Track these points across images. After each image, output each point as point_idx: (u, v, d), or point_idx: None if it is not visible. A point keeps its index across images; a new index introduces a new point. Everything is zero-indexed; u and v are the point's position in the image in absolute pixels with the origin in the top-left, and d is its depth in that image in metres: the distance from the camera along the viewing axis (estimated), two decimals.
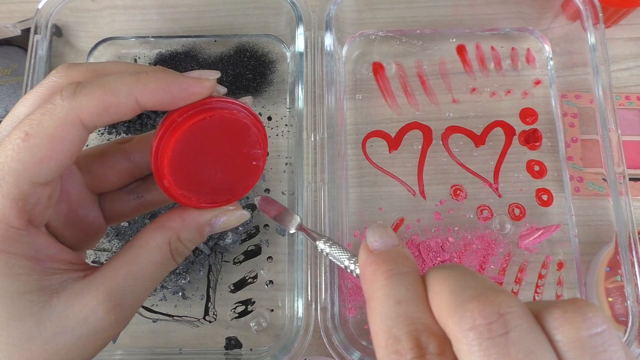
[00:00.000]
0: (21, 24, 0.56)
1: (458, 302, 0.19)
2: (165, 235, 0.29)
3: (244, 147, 0.30)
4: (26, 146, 0.24)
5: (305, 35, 0.51)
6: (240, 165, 0.30)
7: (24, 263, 0.25)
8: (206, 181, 0.29)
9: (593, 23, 0.51)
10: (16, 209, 0.25)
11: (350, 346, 0.44)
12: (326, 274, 0.45)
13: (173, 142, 0.27)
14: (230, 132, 0.29)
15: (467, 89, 0.56)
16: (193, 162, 0.28)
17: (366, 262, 0.24)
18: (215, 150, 0.29)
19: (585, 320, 0.18)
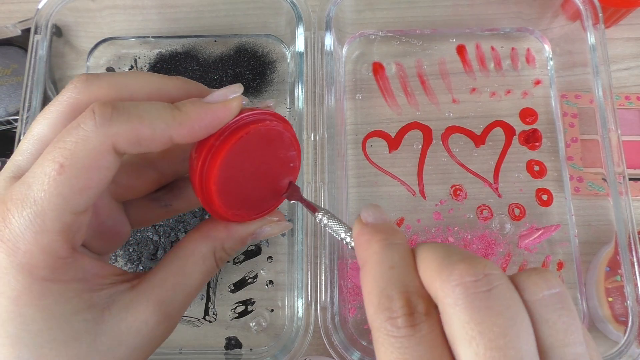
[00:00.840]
0: (21, 24, 0.56)
1: (446, 263, 0.21)
2: (210, 245, 0.30)
3: (280, 151, 0.30)
4: (62, 179, 0.24)
5: (305, 35, 0.51)
6: (280, 170, 0.31)
7: (73, 286, 0.26)
8: (251, 194, 0.30)
9: (593, 23, 0.51)
10: (62, 241, 0.25)
11: (350, 346, 0.44)
12: (326, 274, 0.45)
13: (217, 168, 0.27)
14: (267, 142, 0.29)
15: (467, 89, 0.56)
16: (237, 181, 0.29)
17: (361, 232, 0.26)
18: (255, 163, 0.29)
19: (546, 282, 0.21)
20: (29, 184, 0.24)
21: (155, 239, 0.50)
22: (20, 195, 0.24)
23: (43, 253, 0.24)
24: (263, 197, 0.31)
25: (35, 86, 0.49)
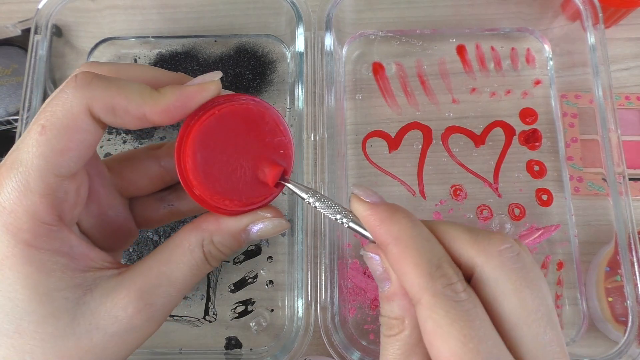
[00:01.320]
0: (21, 24, 0.56)
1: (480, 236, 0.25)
2: (199, 236, 0.29)
3: (266, 136, 0.30)
4: (44, 139, 0.25)
5: (305, 35, 0.51)
6: (268, 156, 0.30)
7: (58, 259, 0.26)
8: (238, 181, 0.29)
9: (593, 23, 0.51)
10: (45, 203, 0.25)
11: (350, 346, 0.44)
12: (326, 274, 0.45)
13: (190, 146, 0.27)
14: (247, 124, 0.29)
15: (467, 89, 0.56)
16: (218, 163, 0.28)
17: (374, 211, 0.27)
18: (237, 146, 0.29)
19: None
20: (19, 148, 0.25)
21: (155, 239, 0.50)
22: (11, 159, 0.25)
23: (26, 214, 0.25)
24: (252, 186, 0.29)
25: (35, 86, 0.49)
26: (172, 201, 0.34)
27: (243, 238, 0.30)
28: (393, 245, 0.25)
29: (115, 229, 0.31)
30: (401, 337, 0.25)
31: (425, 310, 0.23)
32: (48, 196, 0.25)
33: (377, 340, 0.49)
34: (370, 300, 0.50)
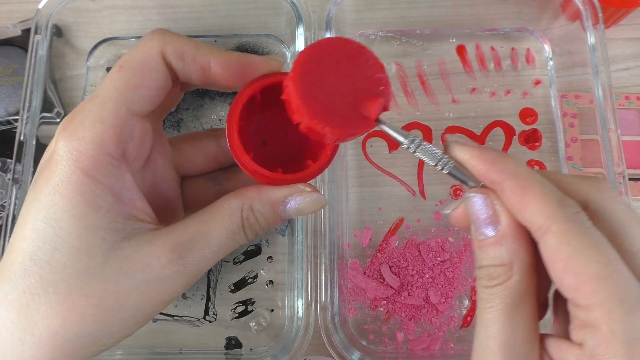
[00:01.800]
0: (21, 24, 0.56)
1: (586, 177, 0.26)
2: (239, 201, 0.29)
3: (366, 71, 0.29)
4: (120, 76, 0.27)
5: (305, 35, 0.51)
6: (369, 90, 0.29)
7: (108, 197, 0.26)
8: (339, 110, 0.28)
9: (593, 23, 0.51)
10: (113, 134, 0.26)
11: (350, 346, 0.44)
12: (326, 274, 0.45)
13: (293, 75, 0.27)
14: (347, 57, 0.29)
15: (467, 89, 0.56)
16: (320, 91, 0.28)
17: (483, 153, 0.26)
18: (338, 77, 0.29)
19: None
20: (100, 85, 0.28)
21: None
22: (93, 94, 0.28)
23: (93, 142, 0.26)
24: (352, 117, 0.28)
25: (36, 86, 0.49)
26: (221, 181, 0.35)
27: (281, 211, 0.30)
28: (511, 180, 0.24)
29: (164, 203, 0.32)
30: (510, 285, 0.24)
31: (558, 237, 0.23)
32: (117, 127, 0.26)
33: (377, 340, 0.49)
34: (370, 300, 0.50)
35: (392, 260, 0.51)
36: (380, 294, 0.49)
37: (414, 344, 0.48)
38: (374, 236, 0.52)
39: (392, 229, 0.52)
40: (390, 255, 0.51)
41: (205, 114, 0.56)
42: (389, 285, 0.49)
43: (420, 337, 0.49)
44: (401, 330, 0.49)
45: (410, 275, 0.50)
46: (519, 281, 0.24)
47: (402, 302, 0.49)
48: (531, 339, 0.24)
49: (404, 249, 0.51)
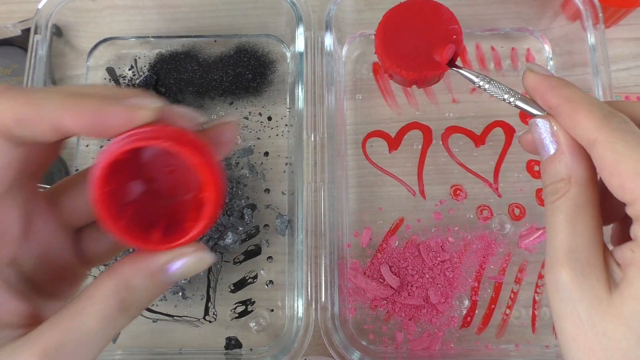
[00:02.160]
0: (21, 24, 0.56)
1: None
2: (113, 282, 0.25)
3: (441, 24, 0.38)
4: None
5: (305, 35, 0.51)
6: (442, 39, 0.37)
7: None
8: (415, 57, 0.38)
9: (593, 23, 0.51)
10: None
11: (350, 346, 0.44)
12: (326, 274, 0.45)
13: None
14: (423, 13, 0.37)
15: (467, 88, 0.56)
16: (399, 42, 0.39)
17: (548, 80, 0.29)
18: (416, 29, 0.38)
19: None
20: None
21: None
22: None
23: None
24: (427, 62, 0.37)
25: (35, 86, 0.49)
26: None
27: (164, 280, 0.26)
28: (564, 103, 0.27)
29: (60, 269, 0.28)
30: (570, 196, 0.27)
31: (604, 145, 0.25)
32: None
33: (377, 340, 0.49)
34: (370, 300, 0.50)
35: (392, 260, 0.51)
36: (380, 294, 0.49)
37: (414, 344, 0.48)
38: (374, 236, 0.52)
39: (392, 229, 0.52)
40: (390, 255, 0.51)
41: (205, 113, 0.56)
42: (389, 285, 0.49)
43: (420, 337, 0.49)
44: (401, 330, 0.49)
45: (410, 275, 0.50)
46: (577, 193, 0.26)
47: (402, 302, 0.49)
48: (593, 245, 0.26)
49: (404, 249, 0.51)
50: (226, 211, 0.51)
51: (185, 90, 0.56)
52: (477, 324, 0.49)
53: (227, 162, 0.54)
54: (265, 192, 0.53)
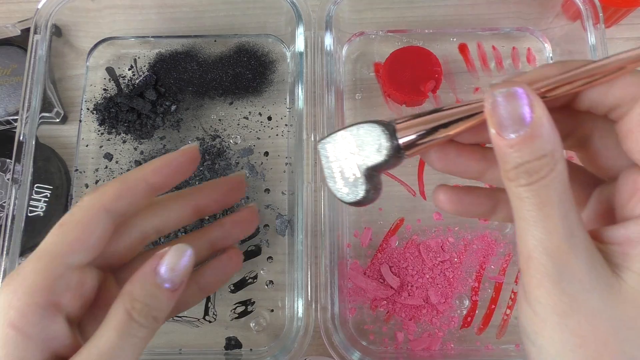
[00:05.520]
0: (21, 24, 0.56)
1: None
2: (120, 299, 0.29)
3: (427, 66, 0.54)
4: (59, 232, 0.29)
5: (305, 35, 0.51)
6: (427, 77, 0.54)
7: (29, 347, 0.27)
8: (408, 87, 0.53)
9: (593, 23, 0.51)
10: (44, 285, 0.27)
11: (350, 346, 0.44)
12: (326, 274, 0.45)
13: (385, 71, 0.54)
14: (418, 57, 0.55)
15: (469, 88, 0.56)
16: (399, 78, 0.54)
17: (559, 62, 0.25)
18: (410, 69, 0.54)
19: None
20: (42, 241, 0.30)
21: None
22: (36, 250, 0.29)
23: (22, 293, 0.27)
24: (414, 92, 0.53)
25: (35, 86, 0.49)
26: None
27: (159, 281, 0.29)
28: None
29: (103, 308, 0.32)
30: (556, 174, 0.23)
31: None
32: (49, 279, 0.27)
33: (377, 341, 0.49)
34: (370, 300, 0.50)
35: (392, 261, 0.51)
36: (380, 294, 0.49)
37: (414, 344, 0.48)
38: (374, 236, 0.52)
39: (392, 229, 0.52)
40: (390, 256, 0.51)
41: (205, 113, 0.56)
42: (389, 286, 0.49)
43: (421, 338, 0.49)
44: (401, 331, 0.49)
45: (410, 275, 0.50)
46: (563, 170, 0.23)
47: (402, 303, 0.49)
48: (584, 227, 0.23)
49: (404, 249, 0.51)
50: (226, 211, 0.51)
51: (185, 90, 0.56)
52: (477, 324, 0.49)
53: (227, 162, 0.54)
54: (265, 192, 0.53)
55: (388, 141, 0.26)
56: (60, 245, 0.29)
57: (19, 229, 0.45)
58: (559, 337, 0.23)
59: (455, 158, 0.28)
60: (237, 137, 0.55)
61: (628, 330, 0.22)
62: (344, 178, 0.28)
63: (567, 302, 0.22)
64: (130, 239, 0.33)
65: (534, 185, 0.23)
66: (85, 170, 0.54)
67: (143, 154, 0.55)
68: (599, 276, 0.23)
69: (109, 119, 0.55)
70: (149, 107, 0.55)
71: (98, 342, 0.27)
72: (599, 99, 0.24)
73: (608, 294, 0.23)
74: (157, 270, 0.29)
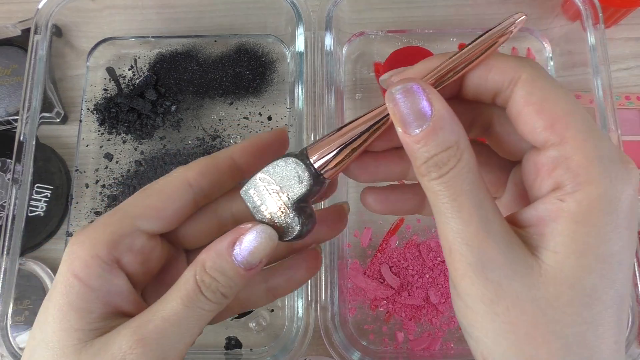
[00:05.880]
0: (21, 24, 0.56)
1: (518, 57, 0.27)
2: (192, 267, 0.27)
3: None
4: (140, 195, 0.29)
5: (305, 35, 0.51)
6: None
7: (92, 299, 0.27)
8: None
9: (593, 23, 0.51)
10: (108, 239, 0.27)
11: (350, 346, 0.44)
12: (326, 274, 0.45)
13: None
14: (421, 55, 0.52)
15: None
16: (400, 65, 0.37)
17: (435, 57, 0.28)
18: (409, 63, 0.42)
19: None
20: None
21: None
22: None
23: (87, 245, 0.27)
24: None
25: (35, 86, 0.49)
26: None
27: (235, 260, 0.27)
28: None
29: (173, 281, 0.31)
30: (464, 164, 0.23)
31: (529, 83, 0.24)
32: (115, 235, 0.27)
33: (377, 340, 0.49)
34: (370, 300, 0.50)
35: (392, 261, 0.51)
36: (380, 294, 0.49)
37: (414, 344, 0.48)
38: (374, 236, 0.52)
39: (392, 229, 0.52)
40: (390, 256, 0.51)
41: (205, 113, 0.56)
42: (389, 285, 0.49)
43: (421, 337, 0.49)
44: (401, 330, 0.49)
45: (411, 275, 0.50)
46: (470, 159, 0.23)
47: (402, 302, 0.49)
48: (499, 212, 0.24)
49: (404, 249, 0.51)
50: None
51: (185, 90, 0.56)
52: None
53: None
54: None
55: (305, 170, 0.27)
56: (134, 207, 0.28)
57: (19, 228, 0.45)
58: (491, 326, 0.23)
59: (376, 168, 0.29)
60: (237, 137, 0.55)
61: (554, 310, 0.22)
62: (276, 218, 0.28)
63: (492, 289, 0.22)
64: (207, 223, 0.32)
65: (445, 177, 0.23)
66: (86, 170, 0.54)
67: (143, 154, 0.55)
68: (518, 260, 0.23)
69: (109, 119, 0.55)
70: (149, 107, 0.55)
71: (163, 308, 0.27)
72: (481, 85, 0.26)
73: (529, 276, 0.22)
74: (234, 246, 0.27)
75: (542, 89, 0.24)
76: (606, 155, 0.23)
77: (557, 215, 0.23)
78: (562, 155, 0.23)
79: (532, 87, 0.24)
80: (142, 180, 0.53)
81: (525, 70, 0.24)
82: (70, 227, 0.52)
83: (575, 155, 0.23)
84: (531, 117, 0.24)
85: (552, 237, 0.23)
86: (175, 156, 0.54)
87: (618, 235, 0.23)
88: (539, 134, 0.23)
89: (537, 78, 0.24)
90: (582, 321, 0.22)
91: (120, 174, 0.54)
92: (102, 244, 0.27)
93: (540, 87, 0.24)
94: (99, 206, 0.53)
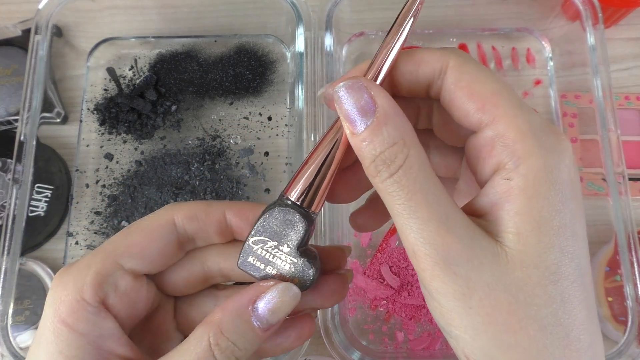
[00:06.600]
0: (22, 24, 0.56)
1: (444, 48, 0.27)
2: (206, 327, 0.25)
3: None
4: (123, 233, 0.28)
5: (305, 36, 0.51)
6: None
7: (82, 345, 0.25)
8: None
9: (593, 23, 0.51)
10: (92, 281, 0.26)
11: (350, 346, 0.44)
12: None
13: None
14: None
15: None
16: None
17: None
18: None
19: None
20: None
21: None
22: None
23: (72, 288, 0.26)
24: None
25: (36, 86, 0.49)
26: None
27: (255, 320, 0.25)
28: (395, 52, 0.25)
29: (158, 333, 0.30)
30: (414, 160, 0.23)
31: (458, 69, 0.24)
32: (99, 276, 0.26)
33: (377, 340, 0.49)
34: (370, 300, 0.50)
35: (392, 260, 0.51)
36: (380, 294, 0.49)
37: (414, 343, 0.48)
38: (374, 236, 0.52)
39: (392, 229, 0.52)
40: (390, 255, 0.51)
41: (205, 113, 0.56)
42: (389, 285, 0.50)
43: (421, 337, 0.49)
44: (401, 330, 0.49)
45: (411, 275, 0.50)
46: (418, 153, 0.23)
47: (402, 302, 0.49)
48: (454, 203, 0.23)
49: (404, 249, 0.51)
50: None
51: (185, 90, 0.56)
52: None
53: (227, 162, 0.54)
54: (265, 192, 0.53)
55: (294, 213, 0.26)
56: (117, 245, 0.27)
57: (19, 228, 0.46)
58: (468, 321, 0.22)
59: (357, 184, 0.29)
60: (237, 137, 0.55)
61: (525, 293, 0.22)
62: (287, 273, 0.26)
63: (463, 284, 0.22)
64: (192, 271, 0.30)
65: (395, 176, 0.23)
66: (86, 170, 0.54)
67: (143, 154, 0.55)
68: (483, 250, 0.22)
69: (109, 119, 0.55)
70: (149, 107, 0.55)
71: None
72: (412, 81, 0.26)
73: (497, 264, 0.22)
74: (255, 305, 0.25)
75: (469, 73, 0.24)
76: (538, 128, 0.23)
77: (509, 195, 0.23)
78: (496, 134, 0.23)
79: (460, 72, 0.24)
80: (142, 180, 0.53)
81: (452, 58, 0.25)
82: (71, 227, 0.53)
83: (509, 131, 0.23)
84: (463, 101, 0.24)
85: (510, 218, 0.23)
86: (175, 156, 0.54)
87: (566, 206, 0.23)
88: (472, 116, 0.24)
89: (463, 63, 0.24)
90: (552, 300, 0.22)
91: (120, 174, 0.54)
92: (87, 286, 0.26)
93: (467, 71, 0.24)
94: (99, 206, 0.53)
